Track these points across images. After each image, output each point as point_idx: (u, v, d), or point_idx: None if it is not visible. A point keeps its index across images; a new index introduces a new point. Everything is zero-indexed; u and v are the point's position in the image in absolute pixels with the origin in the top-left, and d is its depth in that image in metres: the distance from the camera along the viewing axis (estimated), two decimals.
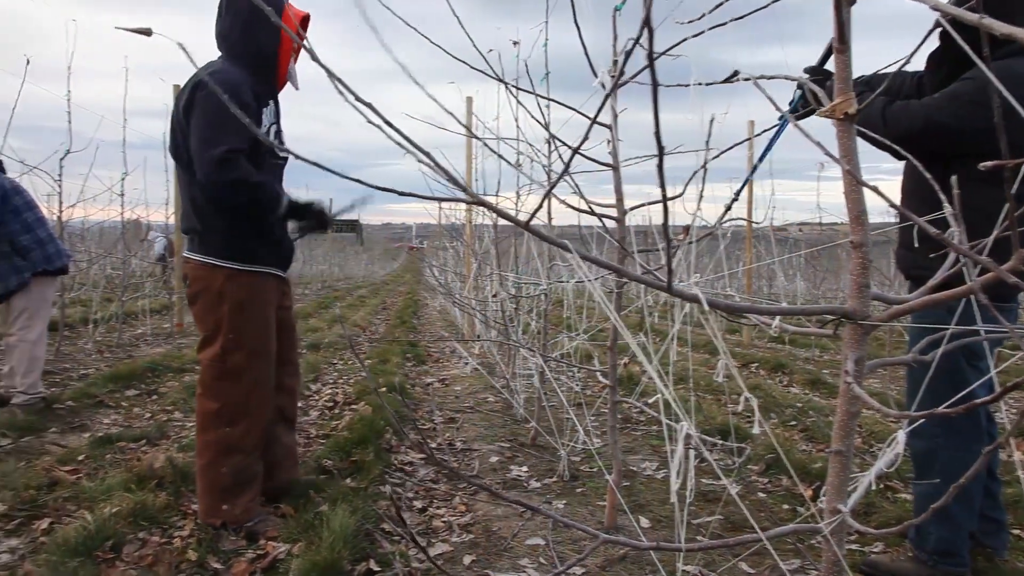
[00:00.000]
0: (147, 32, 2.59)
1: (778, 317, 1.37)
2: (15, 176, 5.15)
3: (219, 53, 2.92)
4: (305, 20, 2.92)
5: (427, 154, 1.21)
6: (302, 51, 3.05)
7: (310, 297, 15.16)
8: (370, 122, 1.30)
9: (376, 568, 2.65)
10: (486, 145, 2.47)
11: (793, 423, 4.96)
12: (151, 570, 2.59)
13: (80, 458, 3.75)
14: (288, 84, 3.01)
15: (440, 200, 1.19)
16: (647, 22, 0.93)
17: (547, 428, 4.27)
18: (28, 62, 6.34)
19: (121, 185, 8.31)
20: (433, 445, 4.44)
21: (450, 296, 8.30)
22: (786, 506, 3.43)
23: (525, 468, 3.98)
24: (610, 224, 2.85)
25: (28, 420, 4.37)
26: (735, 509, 3.19)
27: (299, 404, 5.27)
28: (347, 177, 1.34)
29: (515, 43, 3.80)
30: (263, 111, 2.83)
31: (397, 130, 1.23)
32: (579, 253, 1.09)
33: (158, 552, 2.70)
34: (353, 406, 5.23)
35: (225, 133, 2.61)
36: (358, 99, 1.24)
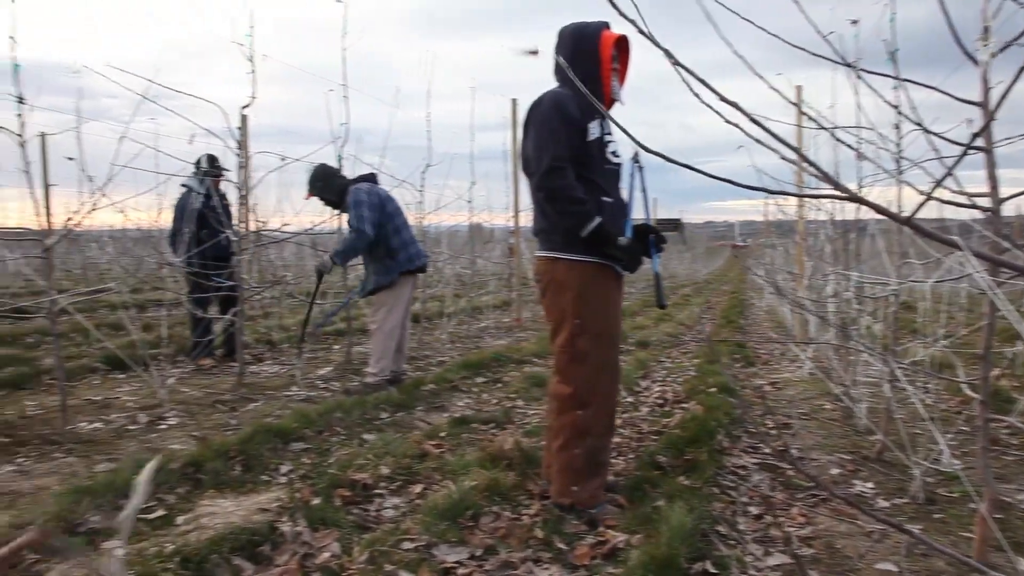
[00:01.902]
0: (535, 52, 2.89)
1: None
2: (388, 189, 5.97)
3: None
4: (621, 41, 3.13)
5: (796, 149, 1.18)
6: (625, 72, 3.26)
7: (635, 295, 15.46)
8: (728, 121, 1.30)
9: (713, 570, 2.62)
10: (834, 137, 2.32)
11: None
12: (504, 541, 2.85)
13: (442, 435, 4.25)
14: (615, 100, 3.23)
15: (807, 196, 1.16)
16: None
17: (896, 442, 3.88)
18: (398, 91, 7.33)
19: (469, 193, 9.27)
20: (767, 451, 4.29)
21: (783, 295, 7.92)
22: None
23: (870, 484, 3.67)
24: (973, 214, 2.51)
25: (401, 398, 5.06)
26: None
27: (629, 399, 5.46)
28: (692, 168, 1.35)
29: (854, 22, 3.52)
30: (590, 123, 3.04)
31: (763, 127, 1.21)
32: (975, 251, 0.99)
33: (510, 526, 2.96)
34: (683, 404, 5.23)
35: (549, 143, 2.92)
36: (722, 99, 1.25)
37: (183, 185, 6.44)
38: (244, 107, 5.42)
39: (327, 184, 5.53)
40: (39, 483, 3.44)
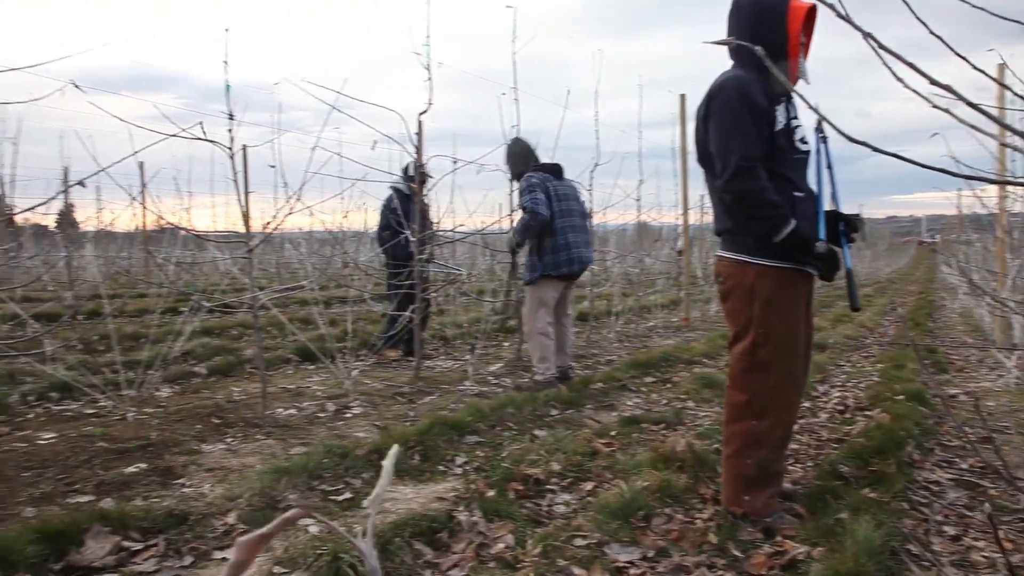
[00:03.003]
0: (730, 43, 2.76)
1: None
2: (574, 186, 5.84)
3: (731, 62, 3.00)
4: (811, 11, 2.83)
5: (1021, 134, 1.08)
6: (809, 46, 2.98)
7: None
8: (936, 107, 1.21)
9: None
10: None
11: None
12: (677, 544, 2.80)
13: (612, 433, 4.24)
14: (800, 80, 2.95)
15: None
16: None
17: None
18: (568, 92, 7.35)
19: (638, 191, 9.17)
20: (964, 466, 3.93)
21: (982, 296, 7.22)
22: None
23: None
24: None
25: (570, 396, 5.10)
26: None
27: (806, 404, 5.19)
28: (888, 153, 1.26)
29: None
30: (776, 109, 2.81)
31: (980, 109, 1.12)
32: None
33: (683, 529, 2.90)
34: (866, 412, 4.91)
35: (736, 140, 2.71)
36: (933, 82, 1.16)
37: (390, 187, 6.77)
38: (421, 113, 5.66)
39: (513, 161, 5.69)
40: (244, 461, 3.77)
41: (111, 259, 13.20)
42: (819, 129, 3.05)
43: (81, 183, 4.15)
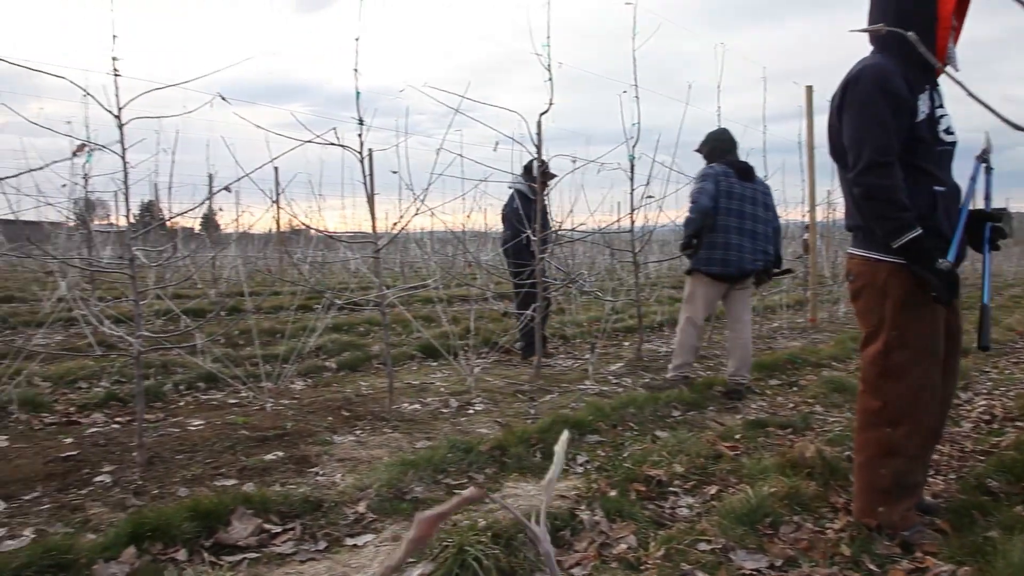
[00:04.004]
0: (880, 31, 2.63)
1: None
2: (761, 188, 5.46)
3: (871, 48, 2.85)
4: None
5: None
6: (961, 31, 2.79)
7: None
8: None
9: None
10: None
11: None
12: (806, 554, 2.71)
13: (736, 437, 4.15)
14: (948, 66, 2.75)
15: None
16: None
17: None
18: (690, 87, 7.21)
19: None
20: None
21: None
22: None
23: None
24: None
25: (693, 397, 5.02)
26: None
27: (949, 413, 4.88)
28: None
29: None
30: (919, 98, 2.65)
31: None
32: None
33: (812, 538, 2.81)
34: (1016, 422, 4.58)
35: (871, 133, 2.58)
36: None
37: (510, 187, 6.84)
38: (543, 113, 5.71)
39: (707, 149, 5.46)
40: (372, 453, 3.94)
41: (249, 259, 14.05)
42: (983, 157, 2.86)
43: (227, 188, 4.45)
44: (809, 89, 9.32)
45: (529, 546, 2.75)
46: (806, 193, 9.71)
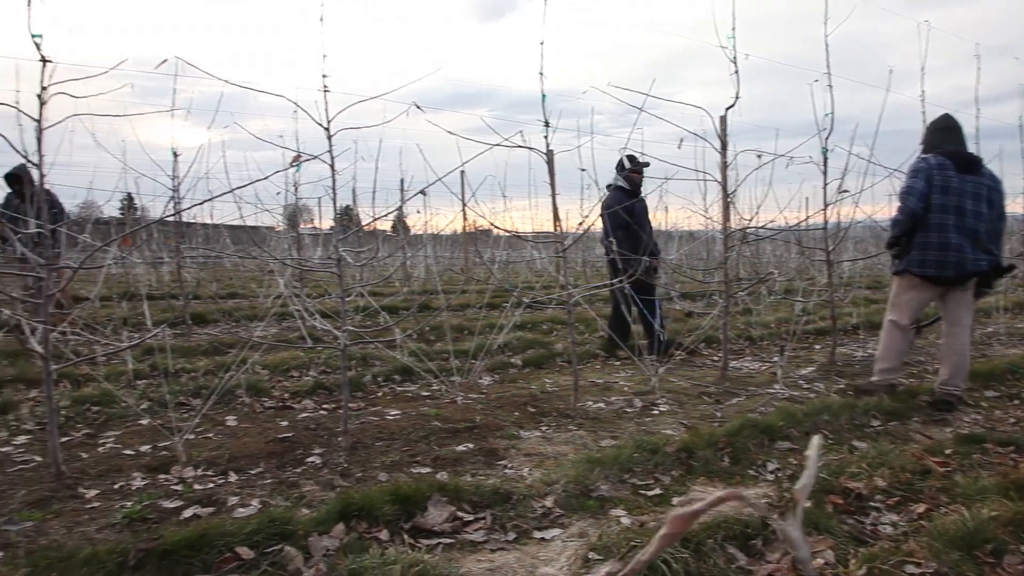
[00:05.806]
0: None
1: None
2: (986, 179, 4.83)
3: None
4: None
5: None
6: None
7: None
8: None
9: None
10: None
11: None
12: None
13: (947, 452, 3.82)
14: None
15: None
16: None
17: None
18: (891, 72, 6.70)
19: None
20: None
21: None
22: None
23: None
24: None
25: (895, 406, 4.68)
26: None
27: None
28: None
29: None
30: None
31: None
32: None
33: None
34: None
35: None
36: None
37: (608, 185, 6.72)
38: (728, 107, 5.55)
39: (925, 136, 5.01)
40: (558, 449, 4.03)
41: (438, 259, 14.75)
42: None
43: (423, 192, 4.72)
44: None
45: (719, 552, 2.71)
46: None
